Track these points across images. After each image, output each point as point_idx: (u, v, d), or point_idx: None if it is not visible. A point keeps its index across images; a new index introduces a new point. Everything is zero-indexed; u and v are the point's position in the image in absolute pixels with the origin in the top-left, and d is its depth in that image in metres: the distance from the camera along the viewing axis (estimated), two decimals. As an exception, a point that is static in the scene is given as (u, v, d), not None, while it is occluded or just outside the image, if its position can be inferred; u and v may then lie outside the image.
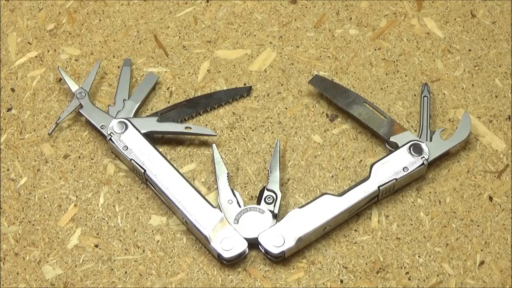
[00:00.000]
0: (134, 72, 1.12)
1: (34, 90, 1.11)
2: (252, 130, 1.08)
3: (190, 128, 1.06)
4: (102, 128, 1.05)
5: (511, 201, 1.03)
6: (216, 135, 1.07)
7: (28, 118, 1.09)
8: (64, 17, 1.16)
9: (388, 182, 1.01)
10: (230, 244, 0.98)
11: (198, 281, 1.00)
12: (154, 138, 1.06)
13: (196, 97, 1.10)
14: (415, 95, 1.10)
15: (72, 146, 1.07)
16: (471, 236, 1.01)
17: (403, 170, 1.01)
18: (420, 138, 1.04)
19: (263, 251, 1.00)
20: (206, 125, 1.08)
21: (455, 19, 1.15)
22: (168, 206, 1.03)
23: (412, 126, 1.07)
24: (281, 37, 1.14)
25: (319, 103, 1.10)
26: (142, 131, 1.05)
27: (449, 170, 1.05)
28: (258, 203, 1.01)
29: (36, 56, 1.13)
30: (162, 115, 1.07)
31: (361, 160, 1.06)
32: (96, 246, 1.02)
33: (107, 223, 1.03)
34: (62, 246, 1.02)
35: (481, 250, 1.00)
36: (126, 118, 1.06)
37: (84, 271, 1.00)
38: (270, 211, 1.01)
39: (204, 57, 1.13)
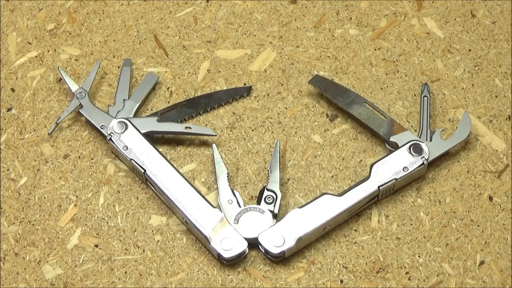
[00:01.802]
0: (134, 72, 1.12)
1: (34, 90, 1.11)
2: (252, 130, 1.08)
3: (190, 128, 1.06)
4: (102, 128, 1.05)
5: (511, 201, 1.03)
6: (216, 135, 1.07)
7: (28, 118, 1.09)
8: (64, 17, 1.16)
9: (388, 182, 1.01)
10: (230, 244, 0.98)
11: (198, 281, 1.00)
12: (154, 138, 1.06)
13: (196, 97, 1.10)
14: (415, 95, 1.10)
15: (72, 146, 1.07)
16: (471, 236, 1.01)
17: (403, 170, 1.01)
18: (420, 138, 1.04)
19: (263, 251, 1.00)
20: (206, 125, 1.08)
21: (455, 19, 1.15)
22: (168, 206, 1.03)
23: (412, 126, 1.07)
24: (281, 37, 1.14)
25: (319, 103, 1.10)
26: (142, 131, 1.05)
27: (449, 170, 1.05)
28: (258, 203, 1.01)
29: (36, 56, 1.13)
30: (162, 115, 1.07)
31: (361, 160, 1.06)
32: (96, 246, 1.02)
33: (107, 223, 1.03)
34: (62, 246, 1.02)
35: (481, 250, 1.00)
36: (126, 118, 1.06)
37: (84, 271, 1.00)
38: (270, 211, 1.01)
39: (204, 57, 1.13)
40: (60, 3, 1.17)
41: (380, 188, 1.01)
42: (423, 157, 1.02)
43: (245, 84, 1.11)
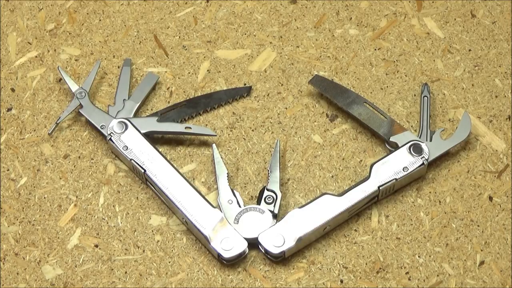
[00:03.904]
0: (134, 72, 1.12)
1: (34, 90, 1.11)
2: (252, 130, 1.08)
3: (190, 128, 1.06)
4: (102, 128, 1.05)
5: (511, 201, 1.03)
6: (216, 135, 1.07)
7: (28, 118, 1.09)
8: (64, 17, 1.16)
9: (388, 182, 1.01)
10: (230, 244, 0.98)
11: (198, 281, 1.00)
12: (154, 138, 1.06)
13: (196, 97, 1.10)
14: (415, 95, 1.10)
15: (72, 146, 1.07)
16: (471, 236, 1.01)
17: (403, 170, 1.01)
18: (420, 138, 1.04)
19: (263, 251, 1.00)
20: (206, 125, 1.08)
21: (455, 19, 1.15)
22: (168, 206, 1.03)
23: (412, 126, 1.07)
24: (281, 37, 1.14)
25: (319, 103, 1.10)
26: (142, 131, 1.05)
27: (449, 170, 1.05)
28: (258, 203, 1.01)
29: (36, 56, 1.13)
30: (162, 115, 1.07)
31: (361, 160, 1.06)
32: (96, 246, 1.02)
33: (107, 223, 1.03)
34: (62, 246, 1.02)
35: (481, 250, 1.00)
36: (126, 118, 1.06)
37: (84, 271, 1.00)
38: (270, 211, 1.01)
39: (204, 57, 1.13)
40: (60, 3, 1.17)
41: (380, 188, 1.01)
42: (423, 157, 1.02)
43: (245, 84, 1.11)
